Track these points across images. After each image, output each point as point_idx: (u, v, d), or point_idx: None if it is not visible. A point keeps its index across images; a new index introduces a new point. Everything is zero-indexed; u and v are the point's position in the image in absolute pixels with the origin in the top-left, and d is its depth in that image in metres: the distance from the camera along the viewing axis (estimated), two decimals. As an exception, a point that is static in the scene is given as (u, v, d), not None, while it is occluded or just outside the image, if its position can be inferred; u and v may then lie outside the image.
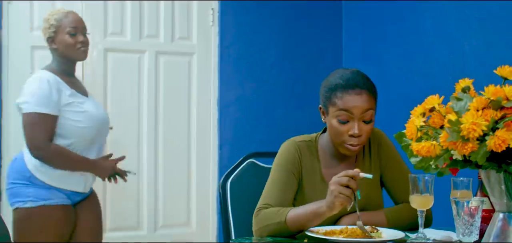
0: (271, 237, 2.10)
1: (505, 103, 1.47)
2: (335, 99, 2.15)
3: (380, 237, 1.99)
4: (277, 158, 2.27)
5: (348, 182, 1.96)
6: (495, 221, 1.59)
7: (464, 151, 1.48)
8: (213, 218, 4.12)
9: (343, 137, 2.15)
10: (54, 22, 3.05)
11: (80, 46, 3.04)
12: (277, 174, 2.22)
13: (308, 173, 2.24)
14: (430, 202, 2.02)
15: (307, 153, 2.25)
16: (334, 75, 2.22)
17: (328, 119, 2.19)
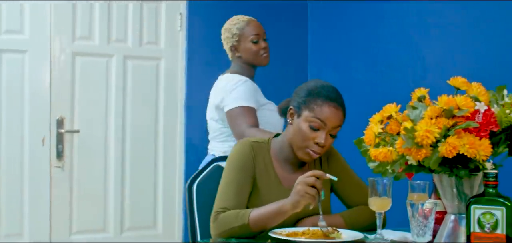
0: (235, 239, 2.17)
1: (457, 112, 1.57)
2: (314, 106, 2.22)
3: (340, 238, 2.07)
4: (230, 158, 2.32)
5: (315, 182, 2.05)
6: (447, 222, 1.69)
7: (418, 156, 1.57)
8: (179, 220, 4.17)
9: (308, 142, 2.23)
10: (236, 31, 3.21)
11: (262, 53, 3.17)
12: (232, 175, 2.27)
13: (262, 173, 2.30)
14: (388, 204, 2.11)
15: (260, 154, 2.32)
16: (316, 82, 2.31)
17: (297, 121, 2.25)
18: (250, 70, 3.20)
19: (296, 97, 2.30)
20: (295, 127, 2.27)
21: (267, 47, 3.19)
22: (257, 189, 2.29)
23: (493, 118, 1.57)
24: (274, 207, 2.14)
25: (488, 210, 1.51)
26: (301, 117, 2.25)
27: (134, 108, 4.07)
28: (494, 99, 1.64)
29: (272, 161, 2.34)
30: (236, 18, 3.26)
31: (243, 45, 3.18)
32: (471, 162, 1.56)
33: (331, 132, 2.23)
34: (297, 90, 2.34)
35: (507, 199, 1.51)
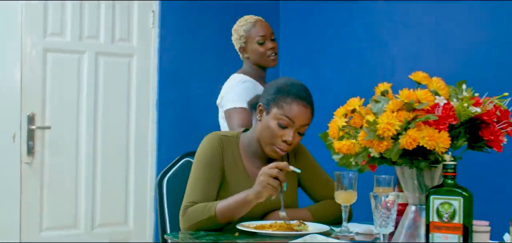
0: (203, 231, 2.20)
1: (417, 105, 1.62)
2: (283, 104, 2.26)
3: (307, 230, 2.12)
4: (198, 153, 2.34)
5: (277, 174, 2.09)
6: (408, 213, 1.73)
7: (380, 148, 1.62)
8: (150, 217, 4.18)
9: (276, 139, 2.27)
10: (243, 32, 3.21)
11: (269, 54, 3.15)
12: (200, 170, 2.30)
13: (230, 166, 2.33)
14: (354, 197, 2.16)
15: (229, 148, 2.35)
16: (286, 80, 2.34)
17: (266, 118, 2.29)
18: (259, 71, 3.21)
19: (266, 94, 2.33)
20: (263, 124, 2.30)
21: (275, 47, 3.18)
22: (226, 183, 2.33)
23: (452, 112, 1.62)
24: (238, 197, 2.17)
25: (446, 200, 1.56)
26: (270, 114, 2.28)
27: (106, 105, 4.07)
28: (454, 93, 1.69)
29: (240, 155, 2.37)
30: (244, 19, 3.28)
31: (250, 46, 3.20)
32: (431, 154, 1.61)
33: (299, 130, 2.27)
34: (267, 87, 2.38)
35: (465, 189, 1.56)
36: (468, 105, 1.63)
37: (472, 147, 1.73)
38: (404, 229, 1.72)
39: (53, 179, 3.93)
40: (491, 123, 1.66)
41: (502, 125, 1.68)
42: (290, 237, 2.00)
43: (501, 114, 1.69)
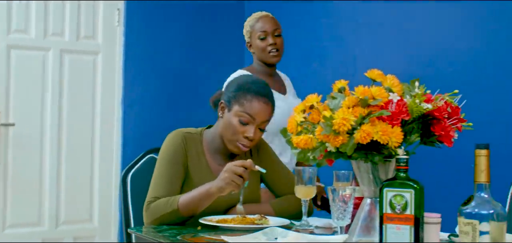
0: (166, 225, 2.24)
1: (371, 101, 1.68)
2: (244, 100, 2.30)
3: (268, 224, 2.17)
4: (162, 149, 2.38)
5: (242, 173, 2.14)
6: (364, 206, 1.80)
7: (336, 143, 1.68)
8: (115, 214, 4.19)
9: (237, 136, 2.32)
10: (249, 28, 3.22)
11: (270, 49, 3.14)
12: (163, 167, 2.33)
13: (194, 163, 2.38)
14: (313, 192, 2.22)
15: (192, 144, 2.39)
16: (246, 78, 2.40)
17: (228, 115, 2.33)
18: (265, 68, 3.21)
19: (227, 91, 2.38)
20: (225, 121, 2.35)
21: (277, 44, 3.17)
22: (190, 179, 2.37)
23: (405, 108, 1.68)
24: (201, 190, 2.22)
25: (398, 193, 1.62)
26: (231, 111, 2.33)
27: (71, 102, 4.07)
28: (407, 90, 1.76)
29: (204, 152, 2.42)
30: (253, 15, 3.29)
31: (254, 42, 3.21)
32: (384, 148, 1.68)
33: (260, 126, 2.33)
34: (228, 84, 2.43)
35: (416, 182, 1.62)
36: (420, 102, 1.70)
37: (425, 142, 1.79)
38: (360, 221, 1.78)
39: (17, 176, 3.92)
40: (442, 119, 1.73)
41: (453, 121, 1.75)
42: (251, 230, 2.05)
43: (452, 111, 1.76)
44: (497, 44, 3.14)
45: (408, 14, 3.53)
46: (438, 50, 3.34)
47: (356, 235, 1.78)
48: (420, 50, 3.44)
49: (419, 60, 3.44)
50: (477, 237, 1.54)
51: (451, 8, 3.31)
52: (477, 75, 3.19)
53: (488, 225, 1.54)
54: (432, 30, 3.42)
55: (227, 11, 4.60)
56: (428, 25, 3.44)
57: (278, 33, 3.19)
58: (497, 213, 1.55)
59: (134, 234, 2.37)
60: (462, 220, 1.57)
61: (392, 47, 3.60)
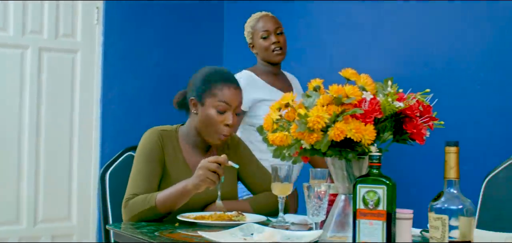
0: (145, 222, 2.27)
1: (345, 100, 1.72)
2: (216, 91, 2.36)
3: (245, 220, 2.21)
4: (139, 147, 2.42)
5: (216, 169, 2.18)
6: (338, 202, 1.84)
7: (310, 140, 1.72)
8: (93, 212, 4.20)
9: (217, 126, 2.36)
10: (250, 28, 3.23)
11: (273, 48, 3.16)
12: (141, 164, 2.37)
13: (171, 160, 2.41)
14: (289, 189, 2.26)
15: (169, 141, 2.43)
16: (208, 70, 2.44)
17: (202, 109, 2.38)
18: (269, 67, 3.23)
19: (194, 87, 2.42)
20: (202, 116, 2.38)
21: (280, 42, 3.19)
22: (167, 175, 2.40)
23: (378, 106, 1.73)
24: (178, 187, 2.25)
25: (371, 189, 1.66)
26: (205, 105, 2.38)
27: (49, 100, 4.07)
28: (380, 89, 1.80)
29: (180, 148, 2.45)
30: (253, 15, 3.31)
31: (256, 42, 3.24)
32: (358, 145, 1.72)
33: (236, 110, 2.39)
34: (192, 81, 2.46)
35: (388, 179, 1.66)
36: (392, 100, 1.75)
37: (397, 140, 1.84)
38: (334, 217, 1.82)
39: (-5, 174, 3.92)
40: (414, 118, 1.78)
41: (424, 119, 1.80)
42: (228, 226, 2.08)
43: (423, 109, 1.81)
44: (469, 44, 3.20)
45: (384, 15, 3.59)
46: (413, 50, 3.38)
47: (330, 231, 1.81)
48: (395, 50, 3.49)
49: (393, 60, 3.49)
50: (447, 231, 1.58)
51: (425, 8, 3.37)
52: (451, 75, 3.24)
53: (457, 220, 1.59)
54: (407, 31, 3.48)
55: (206, 9, 4.63)
56: (403, 25, 3.49)
57: (280, 31, 3.21)
58: (466, 209, 1.60)
59: (112, 230, 2.39)
60: (432, 215, 1.61)
61: (368, 47, 3.65)
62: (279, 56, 3.19)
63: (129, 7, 4.31)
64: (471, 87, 3.15)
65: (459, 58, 3.23)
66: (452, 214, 1.59)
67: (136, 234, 2.05)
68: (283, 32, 3.24)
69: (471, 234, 1.61)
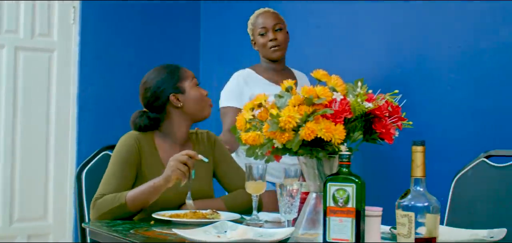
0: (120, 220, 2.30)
1: (316, 100, 1.77)
2: (181, 75, 2.53)
3: (219, 219, 2.25)
4: (115, 150, 2.47)
5: (186, 161, 2.23)
6: (310, 200, 1.88)
7: (282, 139, 1.76)
8: (70, 212, 4.20)
9: (204, 98, 2.53)
10: (250, 26, 3.23)
11: (270, 45, 3.14)
12: (114, 166, 2.42)
13: (148, 161, 2.45)
14: (263, 187, 2.30)
15: (145, 143, 2.48)
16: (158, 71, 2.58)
17: (185, 96, 2.50)
18: (270, 63, 3.23)
19: (167, 84, 2.51)
20: (188, 100, 2.51)
21: (278, 39, 3.17)
22: (144, 177, 2.44)
23: (348, 107, 1.77)
24: (148, 183, 2.30)
25: (341, 187, 1.71)
26: (185, 91, 2.51)
27: (26, 99, 4.07)
28: (351, 90, 1.85)
29: (156, 149, 2.49)
30: (254, 12, 3.30)
31: (256, 39, 3.24)
32: (328, 145, 1.77)
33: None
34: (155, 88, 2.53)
35: (358, 177, 1.71)
36: (362, 101, 1.80)
37: (367, 139, 1.89)
38: (306, 214, 1.86)
39: (-30, 174, 3.91)
40: (383, 118, 1.83)
41: (393, 119, 1.85)
42: (202, 224, 2.12)
43: (392, 110, 1.86)
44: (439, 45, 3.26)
45: (356, 16, 3.64)
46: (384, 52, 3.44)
47: (302, 228, 1.86)
48: (367, 51, 3.55)
49: (365, 60, 3.55)
50: (413, 228, 1.63)
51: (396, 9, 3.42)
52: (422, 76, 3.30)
53: (424, 217, 1.64)
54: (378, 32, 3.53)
55: (182, 10, 4.65)
56: (375, 27, 3.54)
57: (279, 28, 3.18)
58: (432, 206, 1.65)
59: (88, 229, 2.41)
60: (400, 212, 1.66)
61: (341, 48, 3.70)
62: (276, 53, 3.19)
63: (106, 7, 4.32)
64: (442, 88, 3.21)
65: (429, 59, 3.29)
66: (418, 211, 1.64)
67: (111, 232, 2.07)
68: (284, 28, 3.23)
69: (437, 231, 1.66)
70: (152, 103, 2.52)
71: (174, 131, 2.52)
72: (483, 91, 3.06)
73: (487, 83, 3.05)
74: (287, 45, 3.25)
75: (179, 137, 2.53)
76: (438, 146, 3.17)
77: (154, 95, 2.51)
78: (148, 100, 2.53)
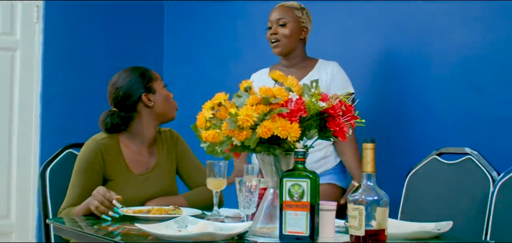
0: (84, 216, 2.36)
1: (272, 100, 1.85)
2: (151, 76, 2.62)
3: (181, 214, 2.32)
4: (78, 159, 2.54)
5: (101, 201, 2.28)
6: (267, 195, 1.97)
7: (240, 137, 1.85)
8: (33, 210, 4.21)
9: (170, 100, 2.64)
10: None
11: (271, 39, 3.11)
12: (77, 177, 2.51)
13: (113, 166, 2.52)
14: (223, 184, 2.38)
15: (110, 149, 2.55)
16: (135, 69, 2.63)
17: (156, 96, 2.59)
18: (284, 60, 3.17)
19: (137, 85, 2.58)
20: (159, 100, 2.61)
21: (278, 34, 3.09)
22: (110, 182, 2.51)
23: (303, 106, 1.87)
24: (84, 204, 2.37)
25: (296, 182, 1.80)
26: (156, 91, 2.60)
27: (-12, 98, 4.07)
28: (306, 90, 1.95)
29: (121, 152, 2.57)
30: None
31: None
32: (284, 142, 1.85)
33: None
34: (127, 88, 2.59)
35: (312, 173, 1.81)
36: (316, 101, 1.89)
37: (322, 136, 1.98)
38: (263, 209, 1.95)
39: None
40: (337, 116, 1.93)
41: (346, 118, 1.95)
42: (165, 219, 2.19)
43: (345, 109, 1.96)
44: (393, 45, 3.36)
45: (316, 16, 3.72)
46: (341, 52, 3.53)
47: (260, 222, 1.94)
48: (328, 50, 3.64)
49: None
50: (363, 221, 1.73)
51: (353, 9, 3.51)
52: (379, 77, 3.41)
53: (374, 210, 1.74)
54: (336, 33, 3.63)
55: (146, 10, 4.70)
56: (333, 27, 3.64)
57: (283, 23, 3.08)
58: (381, 200, 1.75)
59: (53, 225, 2.47)
60: (351, 206, 1.76)
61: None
62: (275, 48, 3.13)
63: (69, 6, 4.34)
64: (399, 89, 3.32)
65: (384, 60, 3.39)
66: (368, 205, 1.74)
67: (76, 228, 2.13)
68: (289, 22, 3.09)
69: (386, 223, 1.76)
70: (124, 102, 2.58)
71: (143, 131, 2.60)
72: (435, 91, 3.17)
73: (438, 83, 3.16)
74: (292, 41, 3.10)
75: (147, 137, 2.60)
76: (393, 144, 3.29)
77: (126, 94, 2.57)
78: (119, 99, 2.59)
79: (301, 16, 3.11)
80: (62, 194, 2.58)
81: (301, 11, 3.12)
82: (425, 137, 3.17)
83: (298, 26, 3.11)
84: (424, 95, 3.21)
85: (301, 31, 3.12)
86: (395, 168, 3.18)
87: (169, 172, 2.63)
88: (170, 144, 2.68)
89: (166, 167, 2.62)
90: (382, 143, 3.14)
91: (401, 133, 3.29)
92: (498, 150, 2.82)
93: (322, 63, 3.14)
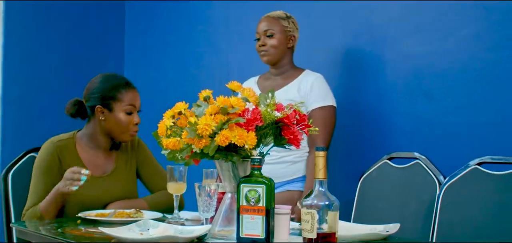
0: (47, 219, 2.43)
1: (230, 110, 1.95)
2: (120, 96, 2.60)
3: (142, 217, 2.40)
4: (36, 161, 2.62)
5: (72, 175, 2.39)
6: (225, 200, 2.07)
7: (200, 145, 1.94)
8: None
9: (128, 126, 2.62)
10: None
11: (260, 50, 3.18)
12: (37, 179, 2.58)
13: (70, 165, 2.59)
14: (183, 188, 2.48)
15: (66, 151, 2.62)
16: (105, 77, 2.66)
17: (111, 115, 2.61)
18: (271, 69, 3.27)
19: (96, 95, 2.63)
20: (112, 120, 2.61)
21: (265, 44, 3.18)
22: None
23: (259, 116, 1.97)
24: (53, 191, 2.46)
25: (253, 188, 1.90)
26: (113, 110, 2.60)
27: None
28: (262, 100, 2.05)
29: (78, 154, 2.63)
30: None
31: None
32: (241, 150, 1.96)
33: (138, 110, 2.66)
34: (91, 90, 2.65)
35: (268, 179, 1.91)
36: (272, 110, 2.00)
37: (278, 144, 2.09)
38: (222, 213, 2.05)
39: None
40: (291, 125, 2.03)
41: (300, 126, 2.06)
42: (127, 222, 2.26)
43: (299, 118, 2.07)
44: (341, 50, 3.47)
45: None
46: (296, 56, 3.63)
47: (218, 225, 2.04)
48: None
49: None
50: (315, 224, 1.84)
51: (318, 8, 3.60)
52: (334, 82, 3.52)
53: (325, 214, 1.85)
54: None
55: (107, 11, 4.72)
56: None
57: (270, 33, 3.17)
58: (332, 204, 1.86)
59: (15, 228, 2.52)
60: (304, 210, 1.87)
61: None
62: (263, 58, 3.22)
63: (30, 7, 4.34)
64: (351, 95, 3.43)
65: (337, 66, 3.49)
66: (320, 209, 1.85)
67: (39, 231, 2.19)
68: (276, 34, 3.18)
69: (337, 226, 1.88)
70: (85, 101, 2.66)
71: (97, 136, 2.67)
72: (387, 98, 3.29)
73: (390, 90, 3.28)
74: (280, 51, 3.20)
75: (102, 143, 2.69)
76: (346, 149, 3.41)
77: (87, 96, 2.65)
78: (84, 96, 2.67)
79: (288, 25, 3.22)
80: (24, 198, 2.63)
81: (287, 21, 3.23)
82: (377, 142, 3.28)
83: (285, 35, 3.21)
84: (376, 101, 3.32)
85: (288, 40, 3.23)
86: (348, 172, 3.31)
87: (128, 177, 2.71)
88: (130, 150, 2.75)
89: (125, 172, 2.70)
90: (336, 147, 3.28)
91: (354, 137, 3.40)
92: (445, 155, 2.95)
93: (306, 74, 3.23)
